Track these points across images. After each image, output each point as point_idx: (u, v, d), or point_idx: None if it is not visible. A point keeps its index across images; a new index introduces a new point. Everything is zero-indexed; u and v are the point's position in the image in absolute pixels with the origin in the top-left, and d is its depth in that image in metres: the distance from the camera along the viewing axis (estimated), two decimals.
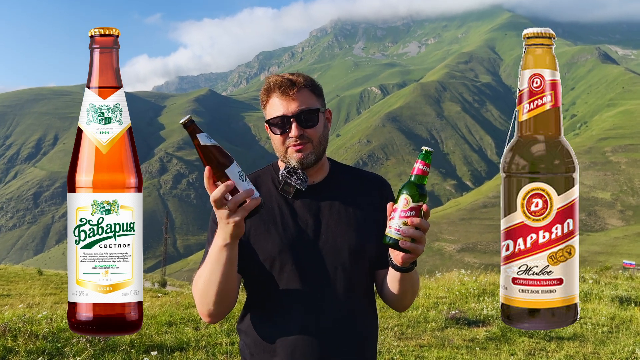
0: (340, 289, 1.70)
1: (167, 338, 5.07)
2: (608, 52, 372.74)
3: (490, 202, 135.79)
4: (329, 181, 1.80)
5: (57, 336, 4.67)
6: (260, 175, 1.82)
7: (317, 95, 1.75)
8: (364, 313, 1.77)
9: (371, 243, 1.74)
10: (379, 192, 1.83)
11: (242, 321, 1.80)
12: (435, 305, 7.60)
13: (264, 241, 1.70)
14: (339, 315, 1.69)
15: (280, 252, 1.68)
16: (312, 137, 1.70)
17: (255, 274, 1.72)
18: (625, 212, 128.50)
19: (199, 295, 1.63)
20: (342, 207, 1.75)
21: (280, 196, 1.75)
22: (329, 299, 1.69)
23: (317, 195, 1.76)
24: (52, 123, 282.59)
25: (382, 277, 1.77)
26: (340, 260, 1.70)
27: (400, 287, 1.65)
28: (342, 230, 1.72)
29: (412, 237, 1.42)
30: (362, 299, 1.77)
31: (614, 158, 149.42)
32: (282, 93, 1.69)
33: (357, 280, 1.74)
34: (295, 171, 1.73)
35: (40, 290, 15.65)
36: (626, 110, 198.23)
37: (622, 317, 7.25)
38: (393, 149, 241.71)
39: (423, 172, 1.45)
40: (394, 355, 5.22)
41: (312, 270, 1.69)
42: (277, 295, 1.70)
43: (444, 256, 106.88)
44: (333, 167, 1.84)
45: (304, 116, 1.68)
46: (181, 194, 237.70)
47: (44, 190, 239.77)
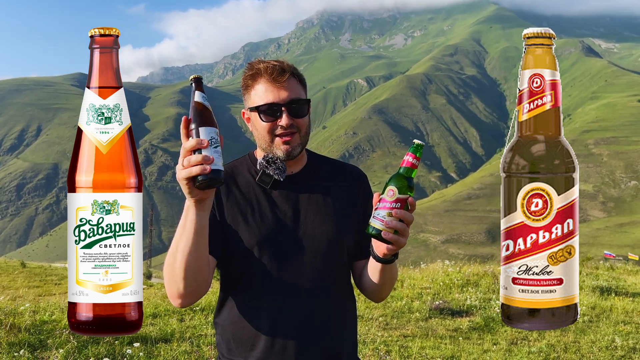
0: (319, 279, 1.69)
1: (151, 330, 5.06)
2: (591, 45, 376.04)
3: (475, 193, 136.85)
4: (307, 171, 1.78)
5: (39, 328, 4.64)
6: (237, 166, 1.79)
7: (303, 86, 1.73)
8: (343, 302, 1.76)
9: (349, 233, 1.73)
10: (357, 183, 1.82)
11: (219, 314, 1.76)
12: (420, 295, 7.66)
13: (242, 231, 1.67)
14: (318, 305, 1.68)
15: (257, 242, 1.66)
16: (300, 128, 1.68)
17: (233, 264, 1.70)
18: (606, 203, 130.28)
19: (168, 273, 1.56)
20: (321, 197, 1.74)
21: (258, 186, 1.72)
22: (307, 289, 1.67)
23: (295, 185, 1.73)
24: (35, 114, 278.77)
25: (360, 267, 1.76)
26: (319, 249, 1.69)
27: (380, 278, 1.63)
28: (321, 220, 1.71)
29: (396, 228, 1.41)
30: (342, 289, 1.76)
31: (597, 150, 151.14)
32: (272, 80, 1.64)
33: (336, 270, 1.73)
34: (274, 161, 1.69)
35: (24, 282, 15.51)
36: (609, 103, 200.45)
37: (602, 306, 7.37)
38: (379, 141, 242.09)
39: (412, 165, 1.44)
40: (378, 345, 5.25)
41: (290, 261, 1.67)
42: (255, 286, 1.68)
43: (429, 247, 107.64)
44: (310, 158, 1.82)
45: (295, 105, 1.66)
46: (166, 186, 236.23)
47: (27, 182, 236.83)
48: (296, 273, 1.67)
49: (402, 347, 5.28)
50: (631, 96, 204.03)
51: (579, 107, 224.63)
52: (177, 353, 4.47)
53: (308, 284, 1.67)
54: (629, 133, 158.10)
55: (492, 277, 8.91)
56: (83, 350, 4.27)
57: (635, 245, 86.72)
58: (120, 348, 4.40)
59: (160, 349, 4.55)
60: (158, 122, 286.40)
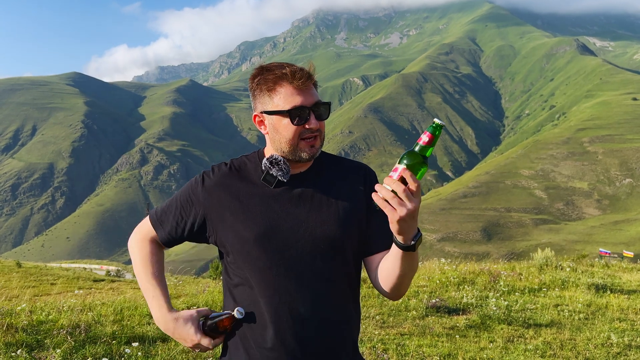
0: (319, 279, 1.67)
1: (149, 329, 5.06)
2: (586, 43, 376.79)
3: (471, 192, 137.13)
4: (312, 171, 1.77)
5: (36, 328, 4.63)
6: (245, 162, 1.80)
7: (316, 89, 1.75)
8: (343, 303, 1.73)
9: (353, 232, 1.72)
10: (364, 180, 1.80)
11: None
12: (416, 294, 7.68)
13: (242, 229, 1.68)
14: (316, 305, 1.67)
15: (256, 240, 1.66)
16: (322, 130, 1.71)
17: (233, 261, 1.72)
18: (601, 201, 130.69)
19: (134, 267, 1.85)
20: (324, 196, 1.73)
21: (262, 184, 1.72)
22: (305, 290, 1.66)
23: (300, 184, 1.73)
24: (30, 114, 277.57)
25: (375, 264, 1.74)
26: (319, 250, 1.67)
27: (400, 268, 1.60)
28: (323, 219, 1.70)
29: (386, 197, 1.45)
30: (343, 289, 1.73)
31: (592, 148, 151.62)
32: (301, 84, 1.65)
33: (337, 270, 1.71)
34: (278, 162, 1.70)
35: (19, 282, 15.46)
36: (603, 101, 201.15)
37: (598, 304, 7.40)
38: (375, 139, 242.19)
39: (426, 142, 1.45)
40: (375, 343, 5.27)
41: (288, 260, 1.66)
42: (254, 285, 1.68)
43: (425, 245, 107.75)
44: (318, 157, 1.80)
45: (321, 108, 1.68)
46: (162, 185, 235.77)
47: (23, 181, 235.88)
48: (294, 273, 1.66)
49: (399, 345, 5.30)
50: (626, 94, 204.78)
51: (574, 105, 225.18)
52: (175, 352, 4.47)
53: (306, 284, 1.67)
54: (623, 131, 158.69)
55: (488, 275, 8.94)
56: (80, 349, 4.26)
57: (630, 243, 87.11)
58: (117, 348, 4.39)
59: (158, 349, 4.54)
60: (153, 122, 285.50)
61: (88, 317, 5.13)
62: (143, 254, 1.81)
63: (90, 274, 23.97)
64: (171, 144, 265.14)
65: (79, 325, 4.67)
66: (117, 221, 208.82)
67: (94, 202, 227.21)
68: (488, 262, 11.89)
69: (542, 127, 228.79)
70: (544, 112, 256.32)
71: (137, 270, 1.82)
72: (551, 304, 7.31)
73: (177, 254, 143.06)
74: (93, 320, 5.06)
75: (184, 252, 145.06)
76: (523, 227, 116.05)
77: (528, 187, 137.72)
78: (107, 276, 22.99)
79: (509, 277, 9.03)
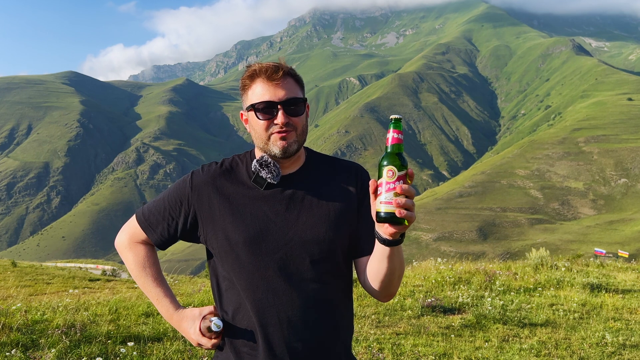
0: (308, 281, 1.66)
1: (144, 329, 5.05)
2: (582, 44, 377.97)
3: (466, 191, 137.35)
4: (303, 172, 1.76)
5: (31, 328, 4.61)
6: (237, 162, 1.79)
7: (300, 86, 1.73)
8: (334, 305, 1.71)
9: (344, 234, 1.70)
10: (356, 181, 1.77)
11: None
12: (412, 293, 7.68)
13: (231, 230, 1.66)
14: (305, 307, 1.65)
15: (245, 243, 1.65)
16: (296, 126, 1.67)
17: (222, 261, 1.71)
18: (597, 201, 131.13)
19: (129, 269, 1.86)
20: (315, 198, 1.71)
21: (253, 185, 1.71)
22: (294, 292, 1.65)
23: (291, 185, 1.72)
24: (25, 112, 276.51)
25: (364, 266, 1.72)
26: (309, 252, 1.66)
27: (388, 266, 1.57)
28: (313, 222, 1.68)
29: (406, 206, 1.41)
30: (334, 292, 1.71)
31: (587, 148, 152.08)
32: (267, 78, 1.65)
33: (327, 272, 1.69)
34: (267, 164, 1.69)
35: (15, 282, 15.40)
36: (599, 101, 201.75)
37: (592, 303, 7.42)
38: (371, 139, 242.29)
39: (399, 140, 1.45)
40: (370, 343, 5.27)
41: (277, 263, 1.65)
42: (243, 286, 1.67)
43: (421, 245, 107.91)
44: (309, 158, 1.80)
45: (291, 104, 1.66)
46: (158, 184, 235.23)
47: (18, 181, 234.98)
48: (284, 275, 1.65)
49: (394, 344, 5.31)
50: (621, 94, 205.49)
51: (570, 105, 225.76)
52: (170, 352, 4.46)
53: (295, 287, 1.65)
54: (619, 131, 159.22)
55: (483, 275, 8.95)
56: (75, 349, 4.25)
57: (625, 243, 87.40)
58: (113, 347, 4.39)
59: (153, 348, 4.54)
60: (150, 121, 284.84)
61: (83, 316, 5.12)
62: (139, 258, 1.80)
63: (86, 273, 23.89)
64: (167, 143, 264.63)
65: (74, 325, 4.66)
66: (113, 220, 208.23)
67: (90, 202, 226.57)
68: (484, 262, 11.91)
69: (537, 127, 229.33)
70: (539, 112, 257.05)
71: (134, 274, 1.81)
72: (546, 303, 7.33)
73: (172, 253, 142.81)
74: (88, 319, 5.05)
75: (179, 252, 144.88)
76: (519, 226, 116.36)
77: (524, 187, 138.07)
78: (102, 275, 22.90)
79: (504, 276, 9.05)
